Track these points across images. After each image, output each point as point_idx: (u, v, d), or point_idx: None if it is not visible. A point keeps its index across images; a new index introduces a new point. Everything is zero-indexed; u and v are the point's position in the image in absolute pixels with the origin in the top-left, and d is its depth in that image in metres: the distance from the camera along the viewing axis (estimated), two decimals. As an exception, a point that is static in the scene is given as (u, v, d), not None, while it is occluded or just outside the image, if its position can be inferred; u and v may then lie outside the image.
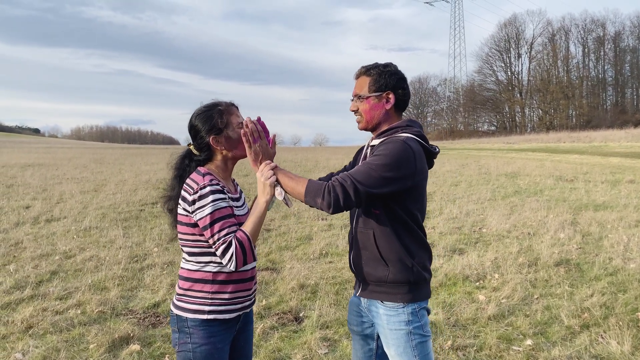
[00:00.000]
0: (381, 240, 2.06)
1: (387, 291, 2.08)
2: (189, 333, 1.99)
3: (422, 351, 2.07)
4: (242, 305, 2.08)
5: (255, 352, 3.71)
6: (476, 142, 59.88)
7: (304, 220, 9.03)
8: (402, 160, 1.96)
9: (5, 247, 6.73)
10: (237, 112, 2.11)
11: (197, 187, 1.93)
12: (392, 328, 2.08)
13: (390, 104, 2.14)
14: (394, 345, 2.09)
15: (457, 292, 5.01)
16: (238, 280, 2.04)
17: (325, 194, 1.93)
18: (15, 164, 23.72)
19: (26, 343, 3.77)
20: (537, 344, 3.81)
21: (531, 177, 16.24)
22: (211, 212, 1.90)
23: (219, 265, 2.00)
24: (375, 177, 1.93)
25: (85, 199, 11.65)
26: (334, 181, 1.96)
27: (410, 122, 2.16)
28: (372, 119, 2.16)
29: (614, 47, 74.63)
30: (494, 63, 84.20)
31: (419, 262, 2.08)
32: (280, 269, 5.84)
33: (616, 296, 4.82)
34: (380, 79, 2.13)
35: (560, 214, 9.06)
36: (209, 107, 2.07)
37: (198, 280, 2.00)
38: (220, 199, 1.93)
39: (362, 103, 2.15)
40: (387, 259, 2.06)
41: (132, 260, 6.18)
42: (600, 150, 30.54)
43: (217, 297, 2.00)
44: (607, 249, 6.60)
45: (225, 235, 1.89)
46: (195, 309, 1.99)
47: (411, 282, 2.06)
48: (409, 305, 2.07)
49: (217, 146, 2.05)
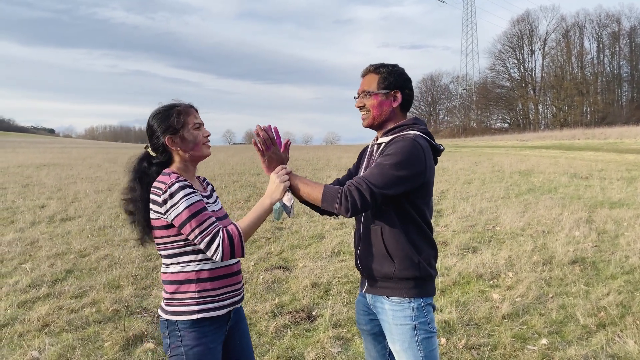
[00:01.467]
0: (388, 237, 2.08)
1: (393, 286, 2.09)
2: (180, 336, 1.98)
3: (428, 347, 2.07)
4: (231, 301, 2.07)
5: (268, 350, 3.72)
6: (489, 140, 59.41)
7: (315, 218, 9.03)
8: (413, 158, 1.98)
9: (22, 246, 6.82)
10: (196, 114, 2.10)
11: (165, 186, 1.92)
12: (398, 323, 2.09)
13: (397, 102, 2.18)
14: (399, 341, 2.09)
15: (470, 291, 4.97)
16: (223, 275, 2.03)
17: (343, 199, 1.96)
18: (30, 164, 24.03)
19: (42, 341, 3.81)
20: (553, 343, 3.76)
21: (545, 174, 16.07)
22: (187, 207, 1.89)
23: (200, 263, 1.98)
24: (389, 177, 1.95)
25: (100, 198, 11.77)
26: (349, 185, 1.97)
27: (416, 120, 2.20)
28: (379, 116, 2.18)
29: (629, 43, 73.60)
30: (506, 60, 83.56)
31: (425, 259, 2.09)
32: (292, 268, 5.84)
33: (633, 295, 4.75)
34: (390, 77, 2.17)
35: (575, 212, 8.96)
36: (167, 107, 2.07)
37: (182, 282, 1.99)
38: (191, 192, 1.93)
39: (370, 99, 2.18)
40: (393, 255, 2.08)
41: (146, 259, 6.23)
42: (615, 147, 30.14)
43: (204, 295, 1.98)
44: (623, 247, 6.51)
45: (208, 227, 1.89)
46: (184, 311, 1.97)
47: (417, 277, 2.07)
48: (415, 301, 2.08)
49: (173, 147, 2.04)
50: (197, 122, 2.07)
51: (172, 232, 1.96)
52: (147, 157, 2.10)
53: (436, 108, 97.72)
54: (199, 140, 2.06)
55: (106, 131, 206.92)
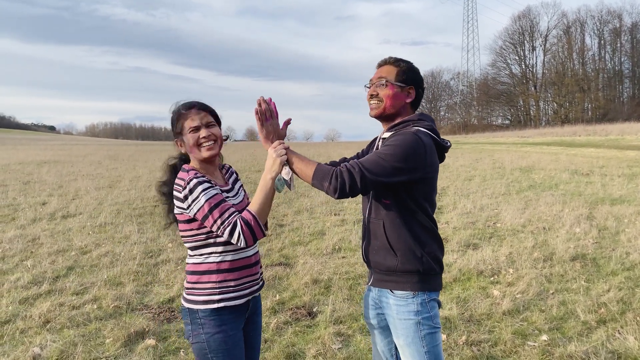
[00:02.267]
0: (390, 230, 2.09)
1: (397, 280, 2.10)
2: (200, 324, 2.05)
3: (431, 342, 2.08)
4: (250, 290, 2.15)
5: (269, 346, 3.73)
6: (490, 136, 59.32)
7: (316, 215, 9.03)
8: (412, 152, 1.98)
9: (23, 243, 6.84)
10: (194, 115, 2.10)
11: (184, 183, 2.00)
12: (401, 318, 2.10)
13: (410, 98, 2.19)
14: (403, 335, 2.10)
15: (471, 287, 4.98)
16: (243, 266, 2.11)
17: (332, 178, 1.97)
18: (31, 161, 24.05)
19: (44, 337, 3.82)
20: (553, 339, 3.77)
21: (546, 171, 16.06)
22: (207, 200, 1.96)
23: (221, 255, 2.07)
24: (383, 165, 1.96)
25: (100, 195, 11.78)
26: (342, 167, 1.99)
27: (422, 116, 2.19)
28: (391, 107, 2.16)
29: (630, 39, 73.25)
30: (507, 56, 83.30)
31: (429, 252, 2.09)
32: (293, 264, 5.85)
33: (634, 291, 4.75)
34: (408, 72, 2.18)
35: (575, 208, 8.95)
36: (174, 110, 2.16)
37: (204, 272, 2.07)
38: (209, 187, 2.00)
39: (386, 88, 2.16)
40: (396, 249, 2.08)
41: (147, 255, 6.24)
42: (616, 144, 30.09)
43: (225, 285, 2.06)
44: (624, 243, 6.51)
45: (228, 218, 1.95)
46: (205, 300, 2.05)
47: (420, 271, 2.07)
48: (419, 295, 2.08)
49: (181, 148, 2.16)
50: (193, 126, 2.08)
51: (194, 226, 2.04)
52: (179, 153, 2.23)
53: (437, 105, 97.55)
54: (192, 144, 2.09)
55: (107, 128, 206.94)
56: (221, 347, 2.04)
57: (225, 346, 2.04)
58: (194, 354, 2.11)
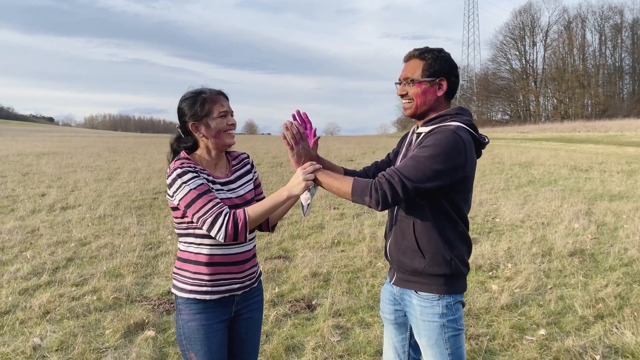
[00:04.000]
0: (421, 232, 2.01)
1: (423, 281, 2.03)
2: (179, 310, 2.09)
3: (455, 344, 2.02)
4: (227, 288, 2.09)
5: (268, 338, 3.74)
6: (490, 132, 59.26)
7: (315, 209, 9.04)
8: (452, 151, 1.86)
9: (22, 234, 6.84)
10: (223, 101, 2.09)
11: (169, 171, 2.01)
12: (426, 319, 2.03)
13: (442, 90, 2.05)
14: (426, 337, 2.04)
15: (470, 282, 4.99)
16: (220, 263, 2.06)
17: (373, 192, 1.87)
18: (30, 153, 24.00)
19: (44, 328, 3.84)
20: (551, 333, 3.79)
21: (545, 166, 16.07)
22: (190, 190, 1.94)
23: (199, 247, 2.05)
24: (424, 170, 1.85)
25: (100, 187, 11.77)
26: (380, 178, 1.89)
27: (460, 110, 2.06)
28: (422, 104, 2.06)
29: (631, 35, 73.11)
30: (508, 51, 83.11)
31: (457, 256, 2.02)
32: (292, 257, 5.86)
33: (631, 287, 4.77)
34: (435, 64, 2.04)
35: (574, 204, 8.97)
36: (195, 93, 2.09)
37: (185, 260, 2.09)
38: (193, 177, 1.97)
39: (414, 87, 2.05)
40: (424, 251, 2.00)
41: (147, 247, 6.25)
42: (616, 140, 30.11)
43: (197, 277, 2.06)
44: (622, 239, 6.53)
45: (211, 209, 1.92)
46: (181, 287, 2.08)
47: (448, 275, 2.00)
48: (444, 298, 2.01)
49: (197, 133, 2.08)
50: (223, 111, 2.07)
51: (178, 214, 2.05)
52: (178, 137, 2.16)
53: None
54: (221, 129, 2.07)
55: (105, 120, 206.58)
56: (194, 335, 2.05)
57: (197, 335, 2.04)
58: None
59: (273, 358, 3.46)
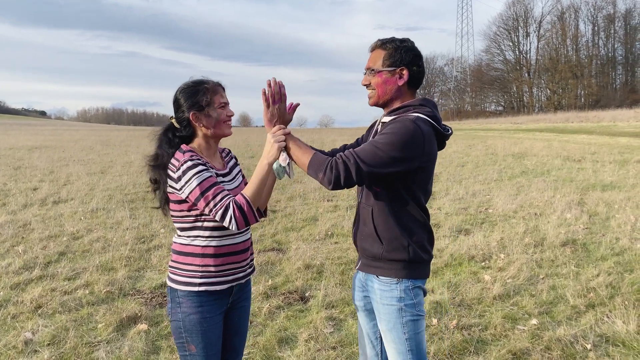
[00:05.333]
0: (378, 218, 2.06)
1: (383, 266, 2.08)
2: (179, 303, 2.07)
3: (412, 329, 2.07)
4: (234, 277, 2.13)
5: (261, 330, 3.75)
6: (483, 123, 59.46)
7: (309, 201, 9.04)
8: (409, 141, 1.90)
9: (14, 229, 6.79)
10: (223, 92, 2.12)
11: (179, 164, 1.98)
12: (385, 303, 2.08)
13: (403, 80, 2.07)
14: (385, 321, 2.10)
15: (462, 272, 5.01)
16: (227, 253, 2.10)
17: (327, 170, 1.91)
18: (22, 146, 23.83)
19: (35, 322, 3.82)
20: (543, 323, 3.81)
21: (538, 157, 16.13)
22: (199, 183, 1.94)
23: (207, 239, 2.06)
24: (380, 156, 1.89)
25: (92, 180, 11.71)
26: (338, 158, 1.92)
27: (424, 102, 2.08)
28: (384, 94, 2.10)
29: (624, 25, 73.30)
30: (502, 42, 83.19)
31: (416, 242, 2.06)
32: (286, 250, 5.86)
33: (622, 276, 4.81)
34: (396, 54, 2.06)
35: (567, 195, 9.01)
36: (196, 83, 2.10)
37: (188, 254, 2.07)
38: (203, 169, 1.98)
39: (375, 76, 2.09)
40: (382, 237, 2.06)
41: (139, 241, 6.22)
42: (608, 130, 30.25)
43: (206, 269, 2.06)
44: (614, 229, 6.57)
45: (221, 200, 1.94)
46: (186, 282, 2.06)
47: (406, 260, 2.04)
48: (402, 282, 2.05)
49: (197, 123, 2.08)
50: (223, 102, 2.10)
51: (184, 207, 2.03)
52: (172, 128, 2.14)
53: (430, 91, 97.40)
54: (222, 119, 2.09)
55: (98, 113, 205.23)
56: (196, 328, 2.05)
57: (199, 327, 2.05)
58: (171, 330, 2.10)
59: (266, 350, 3.46)
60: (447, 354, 3.37)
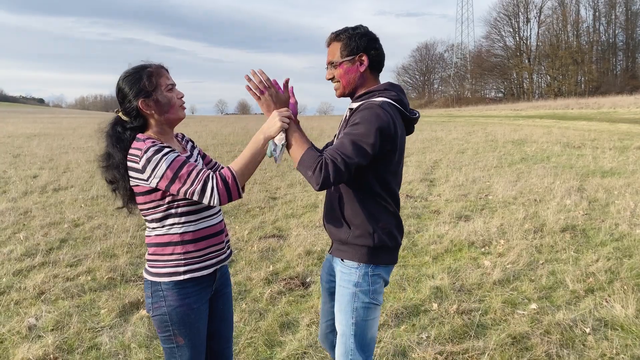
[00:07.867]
0: (345, 203, 2.08)
1: (348, 250, 2.10)
2: (163, 296, 1.98)
3: (362, 315, 2.08)
4: (217, 260, 2.07)
5: (263, 315, 3.78)
6: (483, 109, 59.25)
7: (309, 188, 9.04)
8: (381, 124, 1.91)
9: (15, 216, 6.81)
10: (167, 74, 2.00)
11: (141, 152, 1.85)
12: (341, 285, 2.12)
13: (364, 66, 2.09)
14: (338, 302, 2.13)
15: (462, 258, 5.04)
16: (207, 236, 2.02)
17: (317, 170, 1.87)
18: (21, 134, 23.78)
19: (39, 308, 3.85)
20: (542, 307, 3.84)
21: (538, 144, 16.12)
22: (169, 165, 1.83)
23: (183, 226, 1.96)
24: (360, 147, 1.89)
25: (92, 168, 11.69)
26: (326, 159, 1.89)
27: (389, 86, 2.10)
28: (348, 84, 2.11)
29: (625, 11, 72.68)
30: (502, 28, 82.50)
31: (383, 228, 2.06)
32: (286, 236, 5.88)
33: (621, 261, 4.84)
34: (351, 42, 2.07)
35: (567, 181, 9.03)
36: (137, 69, 1.96)
37: (167, 244, 1.97)
38: (168, 151, 1.86)
39: (337, 69, 2.11)
40: (349, 221, 2.08)
41: (140, 227, 6.24)
42: (608, 117, 30.17)
43: (189, 256, 1.98)
44: (613, 215, 6.59)
45: (197, 176, 1.84)
46: (169, 272, 1.97)
47: (370, 246, 2.05)
48: (362, 267, 2.07)
49: (147, 110, 1.95)
50: (170, 83, 1.98)
51: (154, 197, 1.93)
52: (120, 122, 2.00)
53: (430, 77, 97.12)
54: (174, 103, 1.98)
55: (97, 101, 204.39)
56: (183, 320, 1.98)
57: (187, 319, 1.99)
58: (154, 326, 2.04)
59: (268, 335, 3.49)
60: (448, 338, 3.40)
